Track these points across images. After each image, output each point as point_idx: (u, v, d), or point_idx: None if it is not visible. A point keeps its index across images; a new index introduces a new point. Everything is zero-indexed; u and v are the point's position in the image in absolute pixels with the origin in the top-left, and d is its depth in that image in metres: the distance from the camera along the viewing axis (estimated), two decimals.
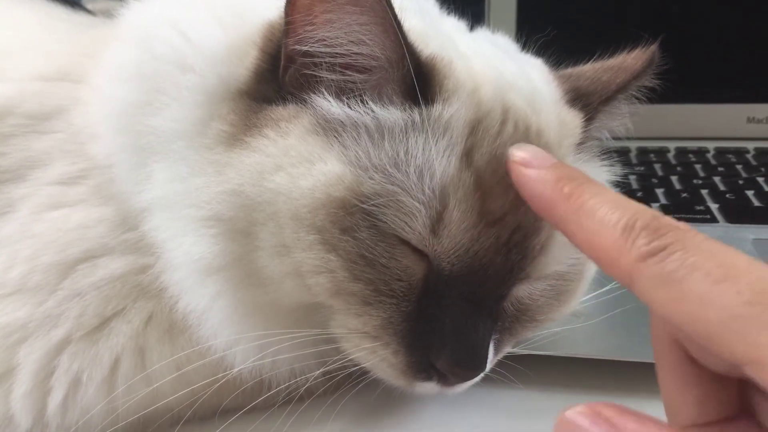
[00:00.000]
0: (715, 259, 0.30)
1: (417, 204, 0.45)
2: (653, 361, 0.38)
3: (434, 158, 0.46)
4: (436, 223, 0.46)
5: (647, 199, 0.93)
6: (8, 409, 0.52)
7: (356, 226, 0.46)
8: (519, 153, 0.43)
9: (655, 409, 0.50)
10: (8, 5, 0.68)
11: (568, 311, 0.57)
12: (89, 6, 0.93)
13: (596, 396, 0.59)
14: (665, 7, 1.16)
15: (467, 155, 0.47)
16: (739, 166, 1.05)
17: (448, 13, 0.62)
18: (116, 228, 0.54)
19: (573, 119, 0.54)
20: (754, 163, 1.07)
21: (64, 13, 0.71)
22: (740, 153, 1.11)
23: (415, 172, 0.46)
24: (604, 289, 0.58)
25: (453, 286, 0.47)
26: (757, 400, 0.35)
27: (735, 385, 0.35)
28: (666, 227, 0.33)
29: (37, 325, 0.52)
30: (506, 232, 0.47)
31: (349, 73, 0.48)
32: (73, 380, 0.52)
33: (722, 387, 0.35)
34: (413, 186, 0.45)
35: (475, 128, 0.47)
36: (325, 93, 0.48)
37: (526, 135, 0.49)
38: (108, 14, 0.65)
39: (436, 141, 0.46)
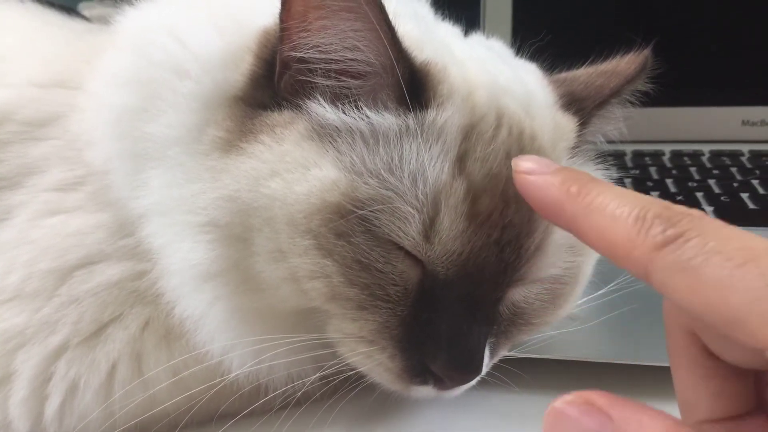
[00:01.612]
0: (734, 242, 0.29)
1: (411, 209, 0.45)
2: (650, 364, 0.37)
3: (427, 164, 0.46)
4: (429, 229, 0.46)
5: None
6: (6, 415, 0.52)
7: (351, 231, 0.46)
8: (522, 163, 0.42)
9: None
10: (4, 12, 0.68)
11: (563, 314, 0.57)
12: (85, 12, 0.93)
13: None
14: (659, 11, 1.17)
15: (460, 161, 0.47)
16: (733, 169, 1.05)
17: (443, 19, 0.62)
18: (113, 234, 0.54)
19: (567, 123, 0.54)
20: (748, 165, 1.07)
21: (60, 19, 0.71)
22: (735, 156, 1.11)
23: (409, 177, 0.46)
24: (600, 292, 0.58)
25: (448, 290, 0.47)
26: None
27: (751, 379, 0.35)
28: (679, 215, 0.32)
29: (35, 332, 0.52)
30: (497, 231, 0.47)
31: (344, 78, 0.48)
32: (71, 386, 0.52)
33: (738, 381, 0.35)
34: (407, 191, 0.46)
35: (468, 133, 0.48)
36: (320, 99, 0.48)
37: (520, 139, 0.49)
38: (104, 20, 0.65)
39: (430, 146, 0.46)
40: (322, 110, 0.48)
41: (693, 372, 0.36)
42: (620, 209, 0.34)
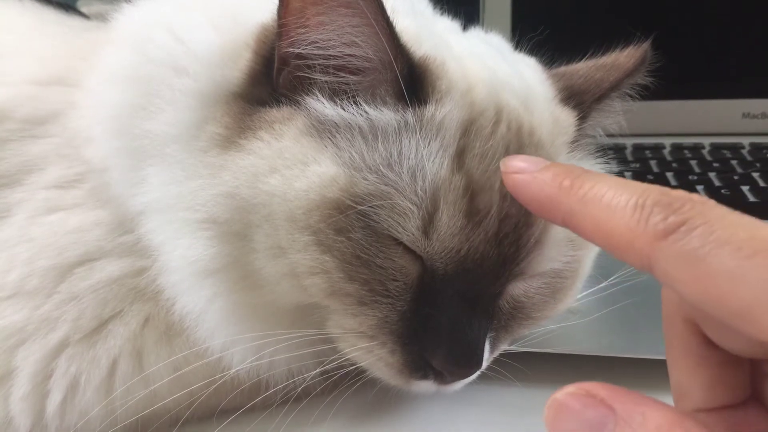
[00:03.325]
0: (741, 232, 0.28)
1: (410, 205, 0.45)
2: (649, 357, 0.37)
3: (426, 159, 0.46)
4: (428, 224, 0.46)
5: None
6: (7, 411, 0.52)
7: (351, 226, 0.46)
8: (511, 163, 0.40)
9: None
10: (2, 10, 0.68)
11: (564, 308, 0.57)
12: (83, 9, 0.93)
13: None
14: (659, 4, 1.16)
15: (459, 156, 0.47)
16: (734, 162, 1.05)
17: (442, 14, 0.62)
18: (112, 231, 0.54)
19: (566, 117, 0.54)
20: (749, 158, 1.07)
21: (58, 16, 0.71)
22: (735, 148, 1.11)
23: (408, 172, 0.46)
24: (600, 285, 0.58)
25: (448, 285, 0.47)
26: (767, 386, 0.34)
27: (747, 369, 0.34)
28: (680, 200, 0.30)
29: (35, 329, 0.52)
30: (494, 225, 0.47)
31: (343, 74, 0.48)
32: (72, 383, 0.52)
33: (734, 371, 0.34)
34: (406, 187, 0.46)
35: (467, 129, 0.48)
36: (319, 95, 0.48)
37: (519, 134, 0.49)
38: (102, 18, 0.65)
39: (429, 142, 0.46)
40: (321, 106, 0.48)
41: (689, 360, 0.35)
42: (617, 198, 0.32)
